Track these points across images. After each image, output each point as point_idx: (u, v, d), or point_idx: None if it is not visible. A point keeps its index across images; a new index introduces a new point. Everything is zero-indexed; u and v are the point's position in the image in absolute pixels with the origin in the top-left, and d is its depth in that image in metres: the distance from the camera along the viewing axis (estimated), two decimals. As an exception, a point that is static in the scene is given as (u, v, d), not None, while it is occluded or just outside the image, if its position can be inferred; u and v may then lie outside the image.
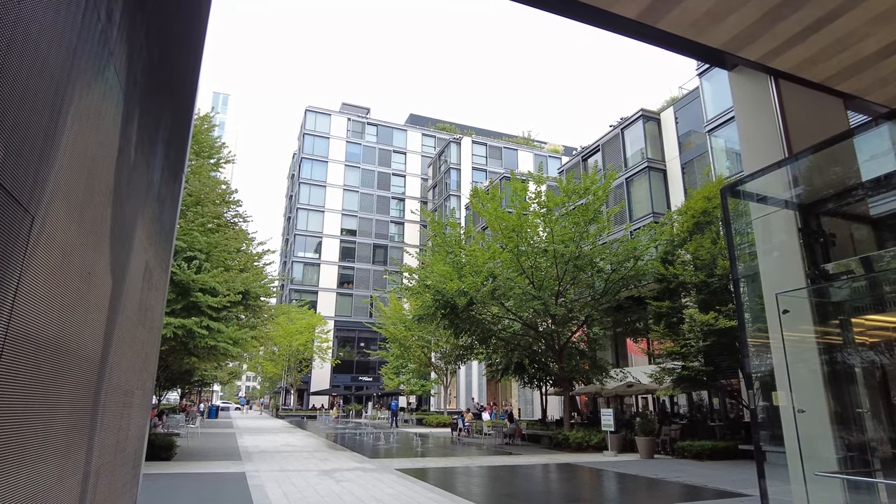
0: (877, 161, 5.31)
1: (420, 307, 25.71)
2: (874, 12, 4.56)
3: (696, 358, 19.41)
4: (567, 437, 22.02)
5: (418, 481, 12.52)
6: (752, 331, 5.64)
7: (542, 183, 23.87)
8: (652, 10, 4.86)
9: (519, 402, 41.51)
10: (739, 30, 4.94)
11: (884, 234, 5.46)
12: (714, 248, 19.28)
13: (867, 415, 4.88)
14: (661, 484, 12.84)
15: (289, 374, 56.46)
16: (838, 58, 5.28)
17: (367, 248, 70.56)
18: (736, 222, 5.90)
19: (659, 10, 4.86)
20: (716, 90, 28.63)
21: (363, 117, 76.11)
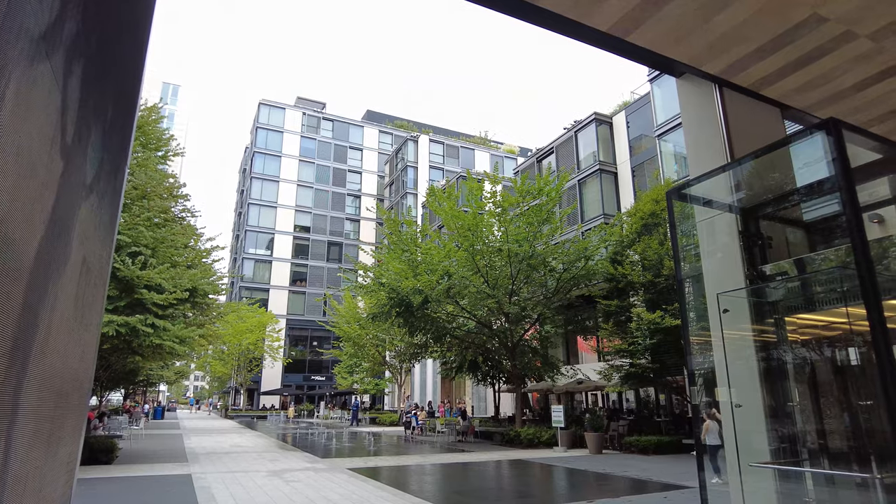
0: (809, 168, 5.61)
1: (375, 305, 25.56)
2: (818, 36, 4.89)
3: (643, 355, 20.02)
4: (519, 433, 22.33)
5: (370, 480, 12.45)
6: (695, 329, 5.86)
7: (498, 183, 24.13)
8: (621, 24, 5.00)
9: (472, 399, 41.80)
10: (687, 40, 5.11)
11: (815, 237, 5.79)
12: (661, 249, 19.92)
13: (797, 408, 5.15)
14: (609, 478, 13.19)
15: (238, 373, 55.11)
16: (781, 71, 5.66)
17: (321, 246, 69.55)
18: (682, 224, 6.12)
19: (628, 27, 5.00)
20: (666, 96, 29.55)
21: (319, 112, 74.95)
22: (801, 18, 4.63)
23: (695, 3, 4.50)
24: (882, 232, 5.63)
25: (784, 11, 4.54)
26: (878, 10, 4.63)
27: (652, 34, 5.00)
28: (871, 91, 5.82)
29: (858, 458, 5.01)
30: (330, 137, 73.94)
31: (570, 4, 4.46)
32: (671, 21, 4.95)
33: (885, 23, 4.77)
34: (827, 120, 4.04)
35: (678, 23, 5.02)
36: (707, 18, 4.66)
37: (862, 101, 6.02)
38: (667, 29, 5.14)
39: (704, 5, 4.53)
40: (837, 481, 5.20)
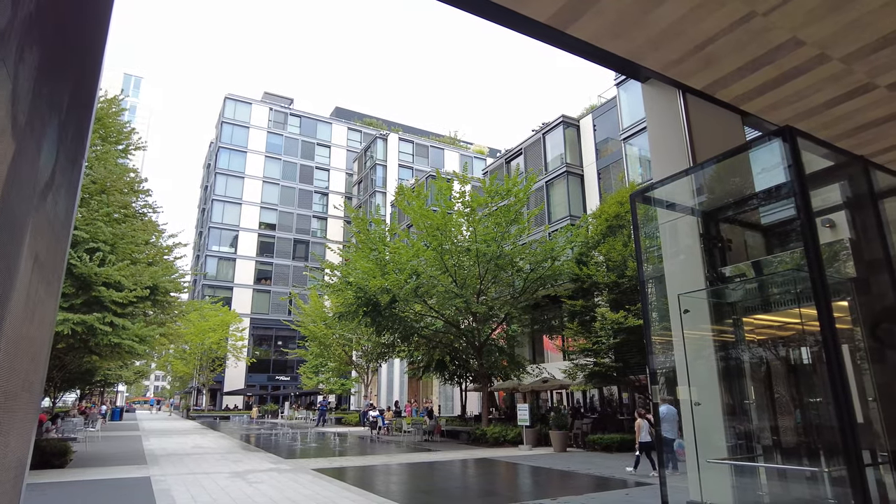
0: (767, 174, 5.79)
1: (341, 305, 25.34)
2: (770, 42, 5.19)
3: (606, 354, 20.37)
4: (485, 432, 22.46)
5: (335, 481, 12.34)
6: (657, 329, 5.99)
7: (467, 183, 24.19)
8: (560, 15, 5.06)
9: (439, 399, 41.85)
10: (652, 46, 5.21)
11: (772, 241, 5.99)
12: (625, 250, 20.30)
13: (753, 406, 5.32)
14: (573, 476, 13.38)
15: (201, 373, 53.91)
16: (739, 79, 5.93)
17: (287, 243, 68.56)
18: (645, 226, 6.25)
19: (566, 19, 5.07)
20: (632, 100, 30.11)
21: (286, 108, 73.88)
22: (781, 41, 5.05)
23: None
24: (833, 236, 5.84)
25: (763, 34, 4.94)
26: (851, 36, 5.07)
27: (592, 27, 5.04)
28: (839, 108, 6.26)
29: (808, 453, 5.21)
30: (297, 134, 72.96)
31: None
32: (610, 14, 5.02)
33: (856, 47, 5.21)
34: (783, 127, 4.19)
35: (617, 16, 5.09)
36: (646, 11, 4.73)
37: (831, 118, 6.46)
38: (606, 22, 5.21)
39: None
40: (789, 475, 5.39)
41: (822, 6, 4.72)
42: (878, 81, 5.82)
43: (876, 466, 4.69)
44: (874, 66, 5.54)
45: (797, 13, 4.75)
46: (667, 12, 4.73)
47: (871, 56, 5.36)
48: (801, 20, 4.84)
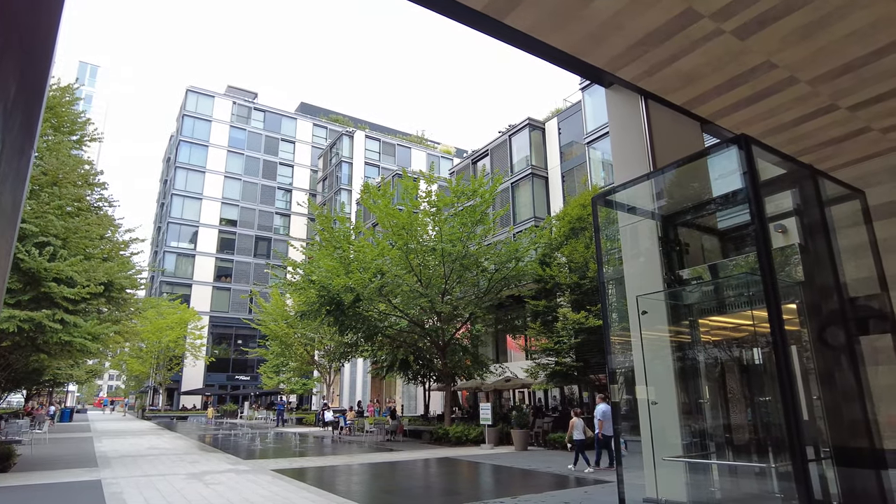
0: (724, 180, 5.98)
1: (304, 303, 25.01)
2: (745, 64, 5.62)
3: (568, 354, 20.68)
4: (447, 431, 22.51)
5: (295, 481, 12.18)
6: (616, 330, 6.11)
7: (434, 182, 24.18)
8: (496, 3, 5.10)
9: (403, 398, 41.73)
10: (594, 41, 5.27)
11: (728, 245, 6.20)
12: (587, 252, 20.65)
13: (707, 405, 5.48)
14: (533, 474, 13.53)
15: (158, 372, 52.40)
16: (697, 86, 6.25)
17: (248, 240, 67.24)
18: (606, 229, 6.37)
19: (502, 7, 5.11)
20: (596, 105, 30.64)
21: (250, 102, 72.46)
22: (756, 63, 5.50)
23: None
24: (785, 241, 6.06)
25: (740, 57, 5.40)
26: (819, 61, 5.54)
27: (529, 18, 5.09)
28: (804, 126, 6.80)
29: (758, 450, 5.40)
30: (261, 129, 71.66)
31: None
32: (547, 4, 5.10)
33: (823, 72, 5.69)
34: (739, 136, 4.33)
35: (554, 7, 5.17)
36: (584, 3, 4.80)
37: (797, 135, 6.97)
38: (543, 13, 5.28)
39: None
40: (740, 471, 5.58)
41: (794, 33, 5.13)
42: (840, 103, 6.39)
43: (819, 461, 4.89)
44: (838, 89, 6.06)
45: (773, 39, 5.14)
46: (604, 4, 4.82)
47: (835, 80, 5.87)
48: (775, 46, 5.27)
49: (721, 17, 4.79)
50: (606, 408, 13.99)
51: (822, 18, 4.98)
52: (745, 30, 5.07)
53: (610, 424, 13.81)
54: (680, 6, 4.77)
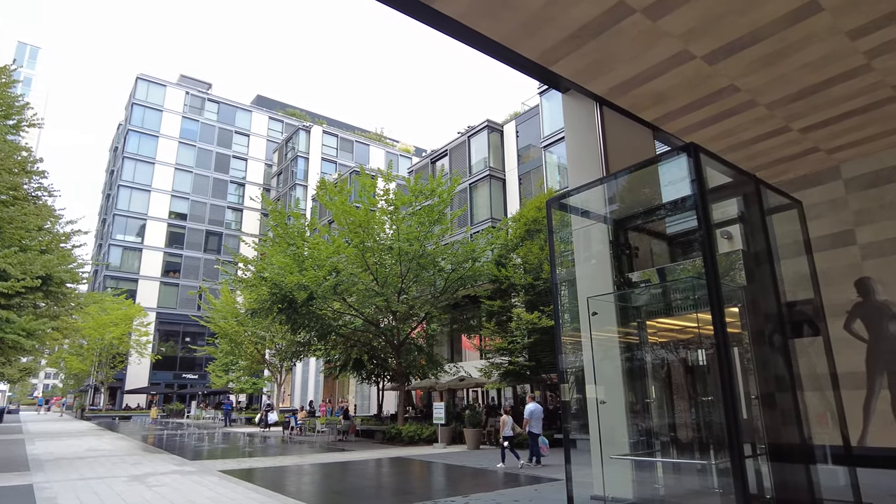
0: (674, 187, 6.19)
1: (255, 301, 24.47)
2: (712, 87, 6.21)
3: (521, 354, 20.96)
4: (400, 431, 22.46)
5: (243, 482, 11.91)
6: (568, 330, 6.24)
7: (392, 181, 24.08)
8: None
9: (356, 398, 41.39)
10: (526, 31, 5.34)
11: (676, 250, 6.42)
12: (542, 253, 20.99)
13: (653, 405, 5.66)
14: (485, 473, 13.66)
15: (99, 370, 50.22)
16: (667, 105, 6.66)
17: (198, 235, 65.27)
18: (560, 232, 6.49)
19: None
20: (554, 110, 31.15)
21: (204, 93, 70.35)
22: (722, 86, 6.12)
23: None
24: (730, 247, 6.32)
25: (708, 81, 5.99)
26: (778, 87, 6.16)
27: (460, 4, 5.18)
28: (763, 143, 7.52)
29: (700, 448, 5.61)
30: (215, 120, 69.68)
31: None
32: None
33: (781, 95, 6.32)
34: (688, 144, 4.49)
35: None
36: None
37: (753, 152, 7.71)
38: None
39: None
40: (683, 468, 5.78)
41: (758, 61, 5.65)
42: (792, 125, 7.03)
43: (756, 457, 5.12)
44: (792, 112, 6.70)
45: (739, 65, 5.69)
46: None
47: (790, 104, 6.50)
48: (741, 71, 5.81)
49: (654, 14, 4.92)
50: (535, 407, 14.89)
51: (783, 49, 5.46)
52: (715, 56, 5.54)
53: (538, 423, 14.49)
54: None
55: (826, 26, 5.15)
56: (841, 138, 7.42)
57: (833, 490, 5.75)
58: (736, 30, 5.18)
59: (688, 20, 5.03)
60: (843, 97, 6.42)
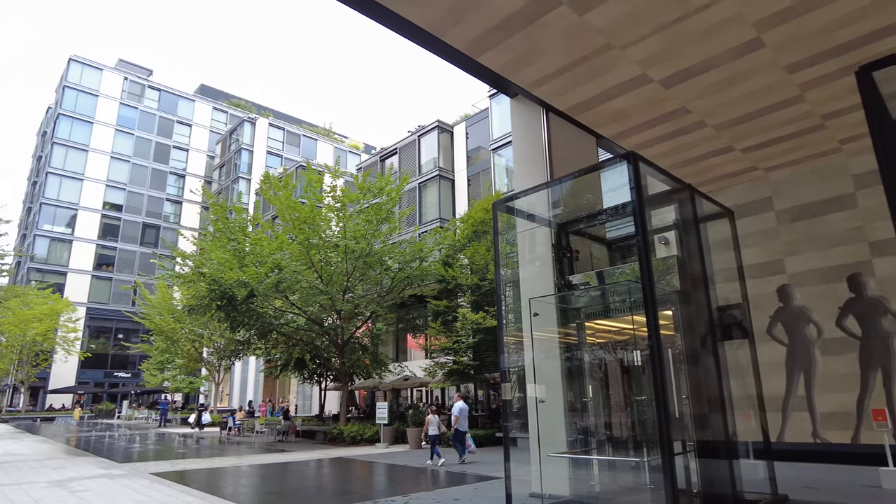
0: (614, 193, 6.40)
1: (193, 297, 23.61)
2: (666, 108, 6.77)
3: (465, 353, 21.13)
4: (342, 431, 22.21)
5: (176, 485, 11.47)
6: (511, 330, 6.35)
7: (339, 177, 23.74)
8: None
9: (297, 398, 40.63)
10: (453, 19, 5.40)
11: (615, 254, 6.66)
12: (488, 255, 21.24)
13: (591, 404, 5.83)
14: (426, 472, 13.68)
15: (20, 368, 47.18)
16: (642, 131, 7.27)
17: (134, 227, 62.38)
18: (506, 234, 6.59)
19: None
20: (503, 113, 31.54)
21: (144, 79, 67.30)
22: (675, 108, 6.72)
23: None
24: (667, 252, 6.59)
25: (663, 102, 6.59)
26: (725, 111, 6.83)
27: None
28: (710, 161, 8.28)
29: (634, 445, 5.81)
30: (155, 108, 66.79)
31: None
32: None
33: (727, 118, 7.01)
34: (628, 152, 4.66)
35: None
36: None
37: (702, 167, 8.44)
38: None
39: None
40: (618, 465, 5.98)
41: (709, 88, 6.29)
42: (736, 146, 7.80)
43: (685, 454, 5.35)
44: (736, 134, 7.44)
45: (692, 90, 6.33)
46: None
47: (734, 127, 7.22)
48: (693, 95, 6.46)
49: (580, 8, 5.09)
50: (463, 406, 15.10)
51: (731, 78, 6.12)
52: (671, 80, 6.13)
53: (464, 421, 14.92)
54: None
55: (767, 61, 5.82)
56: (776, 159, 8.29)
57: (754, 483, 6.08)
58: (691, 58, 5.74)
59: (626, 28, 5.23)
60: (780, 123, 7.19)
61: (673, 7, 4.90)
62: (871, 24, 5.15)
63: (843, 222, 8.03)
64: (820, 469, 8.57)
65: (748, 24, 5.26)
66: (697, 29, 5.28)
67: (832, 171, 8.18)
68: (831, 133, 7.51)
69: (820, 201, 8.26)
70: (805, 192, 8.39)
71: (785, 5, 4.98)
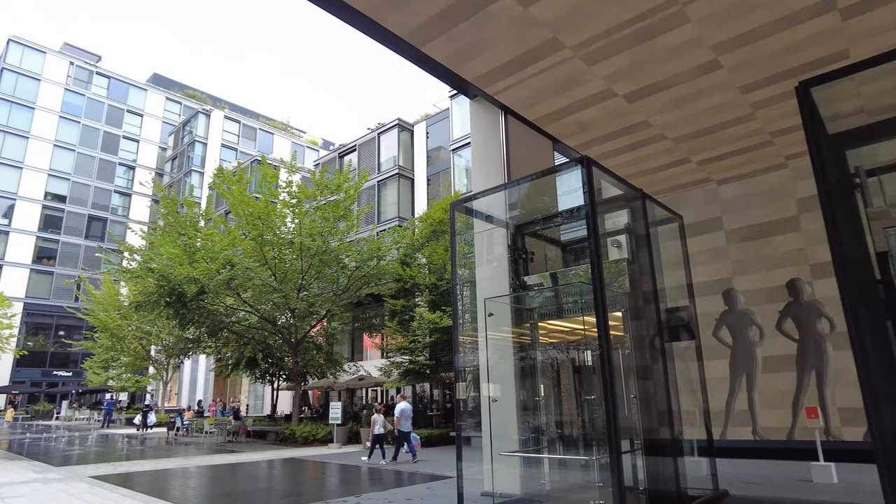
0: (569, 196, 6.52)
1: (141, 293, 22.79)
2: (629, 121, 7.15)
3: (422, 353, 21.12)
4: (294, 431, 21.86)
5: (119, 488, 11.05)
6: (467, 330, 6.38)
7: (296, 172, 23.34)
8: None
9: (249, 398, 39.77)
10: (418, 22, 5.41)
11: (568, 256, 6.78)
12: (446, 254, 21.30)
13: (542, 403, 5.92)
14: (379, 472, 13.62)
15: (-54, 366, 44.49)
16: (605, 142, 7.64)
17: (79, 219, 59.68)
18: (464, 234, 6.63)
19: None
20: (463, 114, 31.68)
21: (92, 65, 64.47)
22: (637, 121, 7.12)
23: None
24: (619, 255, 6.75)
25: (626, 116, 6.95)
26: (683, 125, 7.30)
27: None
28: (667, 172, 8.76)
29: (584, 444, 5.93)
30: (104, 96, 64.06)
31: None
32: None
33: (684, 133, 7.49)
34: (582, 157, 4.75)
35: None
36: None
37: (660, 177, 8.90)
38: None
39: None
40: (568, 464, 6.09)
41: (670, 103, 6.70)
42: (692, 158, 8.31)
43: (633, 452, 5.49)
44: (693, 147, 7.95)
45: (654, 105, 6.73)
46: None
47: (692, 140, 7.73)
48: (655, 110, 6.86)
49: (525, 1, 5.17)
50: (406, 406, 15.44)
51: (692, 94, 6.54)
52: (634, 95, 6.50)
53: (406, 421, 15.28)
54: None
55: (724, 81, 6.36)
56: (729, 171, 8.92)
57: (698, 479, 6.30)
58: (654, 75, 6.15)
59: (585, 34, 5.34)
60: (734, 138, 7.77)
61: (614, 3, 5.01)
62: (816, 51, 5.74)
63: (787, 244, 8.47)
64: (759, 465, 8.97)
65: (708, 47, 5.73)
66: (662, 48, 5.68)
67: (779, 195, 8.62)
68: (778, 149, 8.20)
69: (767, 223, 8.68)
70: (753, 214, 8.80)
71: (741, 31, 5.46)
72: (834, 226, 3.62)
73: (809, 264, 8.15)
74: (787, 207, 8.46)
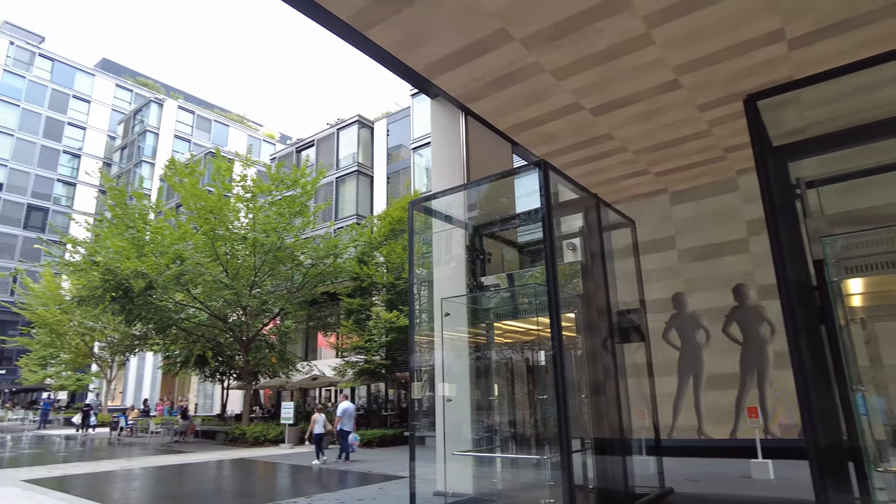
0: (527, 199, 6.60)
1: (84, 287, 21.83)
2: (592, 133, 7.54)
3: (377, 352, 20.99)
4: (244, 431, 21.39)
5: (54, 492, 10.55)
6: (424, 330, 6.38)
7: (251, 166, 22.81)
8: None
9: (198, 397, 38.66)
10: (361, 5, 5.40)
11: (525, 258, 6.88)
12: (405, 253, 21.23)
13: (496, 402, 5.97)
14: (332, 473, 13.47)
15: None
16: (569, 152, 8.02)
17: (17, 209, 56.67)
18: (423, 233, 6.62)
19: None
20: (425, 113, 31.63)
21: (34, 46, 61.29)
22: (600, 133, 7.53)
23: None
24: (574, 257, 6.87)
25: (591, 128, 7.33)
26: (644, 139, 7.73)
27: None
28: (626, 182, 9.22)
29: (537, 443, 6.02)
30: (47, 80, 60.99)
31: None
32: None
33: (644, 146, 7.93)
34: (540, 160, 4.82)
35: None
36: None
37: (619, 187, 9.41)
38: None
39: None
40: (521, 463, 6.17)
41: (632, 118, 7.12)
42: (651, 169, 8.83)
43: (584, 451, 5.60)
44: (652, 159, 8.43)
45: (617, 119, 7.14)
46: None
47: (651, 153, 8.22)
48: (618, 124, 7.26)
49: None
50: (348, 406, 15.66)
51: (653, 110, 6.96)
52: (600, 109, 6.88)
53: (348, 421, 15.47)
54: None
55: (683, 99, 6.82)
56: (685, 183, 9.50)
57: (645, 478, 6.48)
58: (619, 91, 6.55)
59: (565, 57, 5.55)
60: (690, 152, 8.29)
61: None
62: (766, 76, 6.26)
63: (736, 265, 8.85)
64: (703, 462, 9.31)
65: (669, 68, 6.15)
66: (627, 67, 6.07)
67: (729, 217, 9.03)
68: (730, 164, 8.80)
69: (717, 244, 9.08)
70: (705, 234, 9.20)
71: (699, 55, 5.93)
72: (776, 234, 3.79)
73: (758, 285, 8.53)
74: (737, 230, 8.88)
